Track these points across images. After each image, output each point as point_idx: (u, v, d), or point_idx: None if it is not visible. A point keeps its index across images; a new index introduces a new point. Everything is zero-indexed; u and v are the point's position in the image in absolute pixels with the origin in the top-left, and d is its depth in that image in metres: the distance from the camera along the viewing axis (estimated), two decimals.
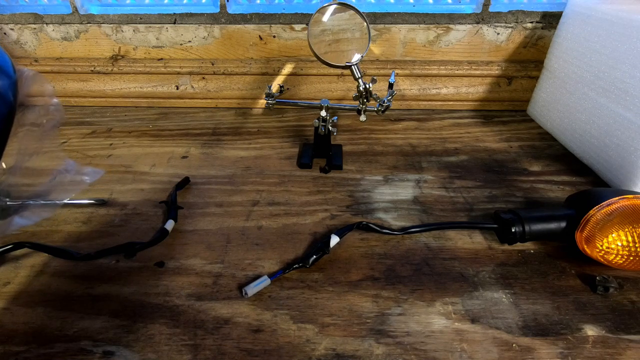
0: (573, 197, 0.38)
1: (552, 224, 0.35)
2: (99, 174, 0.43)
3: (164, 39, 0.66)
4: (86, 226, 0.40)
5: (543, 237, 0.36)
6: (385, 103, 0.47)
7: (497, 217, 0.38)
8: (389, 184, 0.47)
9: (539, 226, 0.35)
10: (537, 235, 0.35)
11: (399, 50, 0.65)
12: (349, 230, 0.37)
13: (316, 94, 0.67)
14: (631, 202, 0.31)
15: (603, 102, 0.47)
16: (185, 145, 0.56)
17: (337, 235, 0.36)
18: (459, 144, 0.56)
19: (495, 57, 0.65)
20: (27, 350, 0.28)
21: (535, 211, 0.37)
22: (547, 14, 0.60)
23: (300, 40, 0.64)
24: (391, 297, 0.32)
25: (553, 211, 0.36)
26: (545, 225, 0.35)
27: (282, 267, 0.34)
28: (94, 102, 0.71)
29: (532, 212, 0.36)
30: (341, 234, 0.36)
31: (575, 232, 0.33)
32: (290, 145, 0.56)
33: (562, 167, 0.50)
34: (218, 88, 0.68)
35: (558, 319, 0.30)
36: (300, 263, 0.34)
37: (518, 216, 0.36)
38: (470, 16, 0.62)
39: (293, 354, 0.27)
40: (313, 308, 0.31)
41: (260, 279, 0.32)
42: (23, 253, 0.36)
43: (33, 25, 0.66)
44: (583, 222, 0.33)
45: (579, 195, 0.37)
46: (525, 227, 0.35)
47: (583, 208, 0.34)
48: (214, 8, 0.64)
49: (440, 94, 0.67)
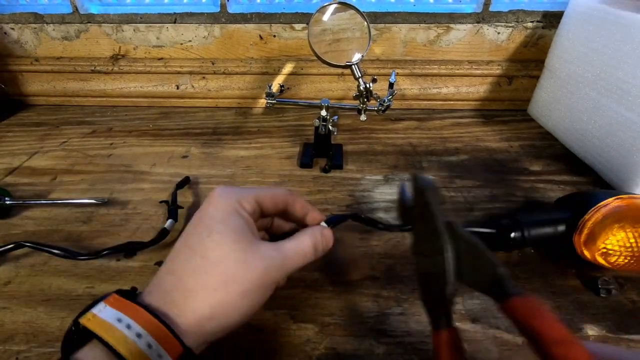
0: (563, 200, 0.37)
1: (551, 228, 0.33)
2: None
3: (164, 39, 0.66)
4: (86, 225, 0.40)
5: (542, 242, 0.34)
6: (385, 102, 0.47)
7: (493, 221, 0.35)
8: (390, 183, 0.47)
9: (538, 231, 0.33)
10: (536, 241, 0.34)
11: (399, 50, 0.65)
12: (341, 220, 0.31)
13: (316, 93, 0.67)
14: (627, 202, 0.31)
15: (604, 102, 0.47)
16: (186, 145, 0.56)
17: (326, 223, 0.30)
18: (460, 144, 0.56)
19: (496, 56, 0.65)
20: (28, 349, 0.28)
21: (533, 215, 0.35)
22: (548, 14, 0.60)
23: (301, 39, 0.64)
24: (391, 297, 0.32)
25: (551, 215, 0.34)
26: (544, 229, 0.33)
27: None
28: (94, 102, 0.71)
29: (531, 217, 0.34)
30: (331, 223, 0.30)
31: (573, 235, 0.32)
32: (290, 145, 0.56)
33: (562, 166, 0.50)
34: (218, 87, 0.68)
35: (559, 318, 0.30)
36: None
37: (517, 221, 0.34)
38: (471, 16, 0.62)
39: (293, 353, 0.27)
40: (313, 307, 0.31)
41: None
42: (23, 252, 0.36)
43: (33, 24, 0.66)
44: (580, 225, 0.32)
45: (569, 198, 0.36)
46: (524, 233, 0.33)
47: (578, 210, 0.33)
48: (214, 7, 0.64)
49: (440, 93, 0.67)
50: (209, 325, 0.21)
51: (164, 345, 0.19)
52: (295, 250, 0.25)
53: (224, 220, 0.23)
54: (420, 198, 0.23)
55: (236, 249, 0.22)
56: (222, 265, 0.22)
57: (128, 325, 0.19)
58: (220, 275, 0.22)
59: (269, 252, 0.24)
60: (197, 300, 0.21)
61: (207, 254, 0.22)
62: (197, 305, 0.21)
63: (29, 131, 0.61)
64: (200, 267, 0.22)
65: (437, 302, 0.20)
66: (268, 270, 0.23)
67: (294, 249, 0.25)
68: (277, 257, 0.24)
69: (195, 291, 0.21)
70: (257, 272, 0.22)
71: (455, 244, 0.20)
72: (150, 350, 0.18)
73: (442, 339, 0.19)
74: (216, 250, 0.22)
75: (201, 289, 0.21)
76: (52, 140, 0.58)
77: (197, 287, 0.21)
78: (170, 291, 0.22)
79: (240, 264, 0.22)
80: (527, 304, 0.17)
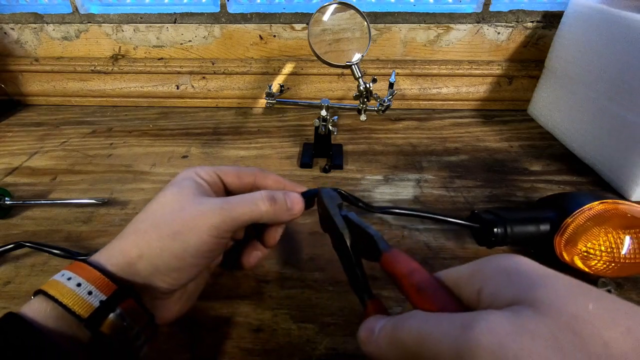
0: (546, 200, 0.37)
1: (534, 227, 0.33)
2: None
3: (164, 39, 0.66)
4: (86, 226, 0.40)
5: (524, 240, 0.34)
6: (385, 102, 0.47)
7: (476, 216, 0.35)
8: (390, 183, 0.47)
9: (521, 229, 0.33)
10: (518, 239, 0.33)
11: (399, 50, 0.65)
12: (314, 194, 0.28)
13: (316, 93, 0.67)
14: (612, 207, 0.31)
15: (604, 102, 0.47)
16: (186, 145, 0.56)
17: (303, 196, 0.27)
18: (460, 144, 0.56)
19: (496, 56, 0.65)
20: None
21: (517, 213, 0.34)
22: (548, 14, 0.60)
23: (301, 39, 0.64)
24: (391, 297, 0.32)
25: (534, 213, 0.34)
26: (527, 228, 0.33)
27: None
28: (94, 102, 0.71)
29: (515, 214, 0.34)
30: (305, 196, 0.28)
31: (555, 237, 0.32)
32: (290, 145, 0.56)
33: (562, 166, 0.50)
34: (218, 87, 0.68)
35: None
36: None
37: (500, 217, 0.33)
38: (471, 15, 0.62)
39: (293, 353, 0.27)
40: (313, 307, 0.31)
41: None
42: (23, 253, 0.36)
43: (33, 24, 0.66)
44: (563, 227, 0.31)
45: (552, 199, 0.36)
46: (507, 230, 0.33)
47: (562, 212, 0.32)
48: (214, 7, 0.64)
49: (440, 93, 0.67)
50: (140, 265, 0.22)
51: (98, 285, 0.21)
52: (243, 197, 0.24)
53: (176, 183, 0.25)
54: (323, 205, 0.27)
55: (175, 200, 0.24)
56: (159, 212, 0.24)
57: (69, 278, 0.21)
58: (153, 220, 0.23)
59: (209, 200, 0.24)
60: (127, 242, 0.23)
61: (150, 207, 0.24)
62: (126, 247, 0.23)
63: (29, 131, 0.61)
64: (140, 217, 0.24)
65: (355, 282, 0.23)
66: (203, 213, 0.23)
67: (241, 197, 0.24)
68: (216, 202, 0.24)
69: (127, 235, 0.23)
70: (190, 214, 0.23)
71: (351, 230, 0.24)
72: (79, 288, 0.20)
73: (369, 310, 0.21)
74: (158, 202, 0.24)
75: (133, 232, 0.23)
76: (52, 140, 0.58)
77: (130, 231, 0.23)
78: (113, 243, 0.23)
79: (176, 211, 0.23)
80: (392, 257, 0.20)
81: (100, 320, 0.20)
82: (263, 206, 0.24)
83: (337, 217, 0.25)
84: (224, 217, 0.23)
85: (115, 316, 0.20)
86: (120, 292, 0.21)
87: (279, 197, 0.25)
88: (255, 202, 0.24)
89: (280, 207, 0.25)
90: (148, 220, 0.23)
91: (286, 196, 0.26)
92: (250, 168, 0.29)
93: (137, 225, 0.23)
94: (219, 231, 0.23)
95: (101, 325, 0.20)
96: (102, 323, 0.20)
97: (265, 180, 0.28)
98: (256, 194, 0.25)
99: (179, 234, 0.22)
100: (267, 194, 0.25)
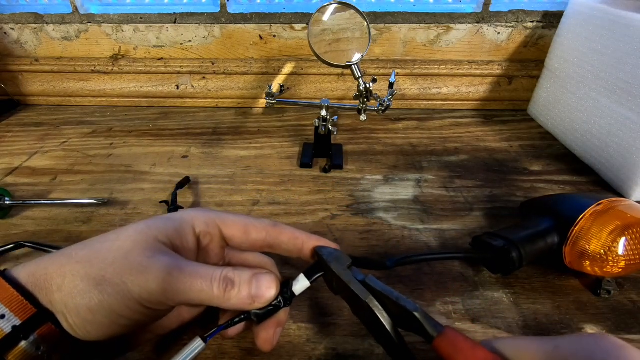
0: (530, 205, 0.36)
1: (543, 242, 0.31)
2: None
3: (164, 39, 0.66)
4: (86, 226, 0.40)
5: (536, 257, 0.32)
6: (385, 102, 0.47)
7: (484, 244, 0.32)
8: (390, 183, 0.47)
9: (532, 247, 0.31)
10: (530, 258, 0.31)
11: (399, 50, 0.65)
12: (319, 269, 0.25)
13: (316, 93, 0.67)
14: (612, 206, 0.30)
15: (604, 102, 0.47)
16: (186, 145, 0.56)
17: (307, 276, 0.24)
18: (460, 144, 0.56)
19: (496, 56, 0.65)
20: None
21: (519, 230, 0.32)
22: (548, 14, 0.60)
23: (301, 39, 0.64)
24: None
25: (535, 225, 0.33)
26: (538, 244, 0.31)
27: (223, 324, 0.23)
28: (94, 102, 0.71)
29: (518, 232, 0.32)
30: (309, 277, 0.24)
31: (563, 248, 0.31)
32: (290, 145, 0.56)
33: (562, 166, 0.50)
34: (218, 88, 0.68)
35: (558, 318, 0.30)
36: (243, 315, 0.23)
37: (510, 240, 0.31)
38: (471, 15, 0.62)
39: (293, 353, 0.27)
40: (313, 308, 0.31)
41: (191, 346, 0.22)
42: (23, 253, 0.36)
43: (33, 24, 0.66)
44: (571, 236, 0.30)
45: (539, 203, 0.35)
46: (521, 252, 0.30)
47: (561, 219, 0.31)
48: (214, 7, 0.64)
49: (440, 93, 0.67)
50: (56, 297, 0.19)
51: (14, 308, 0.18)
52: (200, 270, 0.20)
53: (150, 223, 0.22)
54: (328, 270, 0.23)
55: (128, 240, 0.20)
56: (104, 245, 0.20)
57: None
58: (91, 251, 0.20)
59: (160, 257, 0.20)
60: (55, 265, 0.19)
61: (105, 236, 0.21)
62: (52, 270, 0.19)
63: (29, 131, 0.61)
64: (88, 242, 0.21)
65: (394, 351, 0.21)
66: (144, 269, 0.19)
67: (199, 269, 0.20)
68: (167, 263, 0.20)
69: (64, 255, 0.20)
70: (128, 265, 0.19)
71: (378, 300, 0.21)
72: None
73: None
74: (113, 234, 0.21)
75: (68, 255, 0.20)
76: (52, 140, 0.58)
77: (69, 252, 0.20)
78: (45, 258, 0.20)
79: (118, 254, 0.19)
80: (446, 341, 0.18)
81: (8, 349, 0.17)
82: (215, 289, 0.20)
83: (355, 284, 0.21)
84: (165, 286, 0.19)
85: (29, 344, 0.17)
86: (38, 316, 0.18)
87: (240, 280, 0.20)
88: (210, 280, 0.20)
89: (237, 294, 0.20)
90: (88, 249, 0.20)
91: (255, 279, 0.21)
92: (263, 220, 0.24)
93: (77, 249, 0.20)
94: (151, 300, 0.19)
95: (6, 355, 0.17)
96: (10, 351, 0.17)
97: (279, 237, 0.24)
98: (215, 271, 0.20)
99: (104, 283, 0.19)
100: (225, 274, 0.20)
